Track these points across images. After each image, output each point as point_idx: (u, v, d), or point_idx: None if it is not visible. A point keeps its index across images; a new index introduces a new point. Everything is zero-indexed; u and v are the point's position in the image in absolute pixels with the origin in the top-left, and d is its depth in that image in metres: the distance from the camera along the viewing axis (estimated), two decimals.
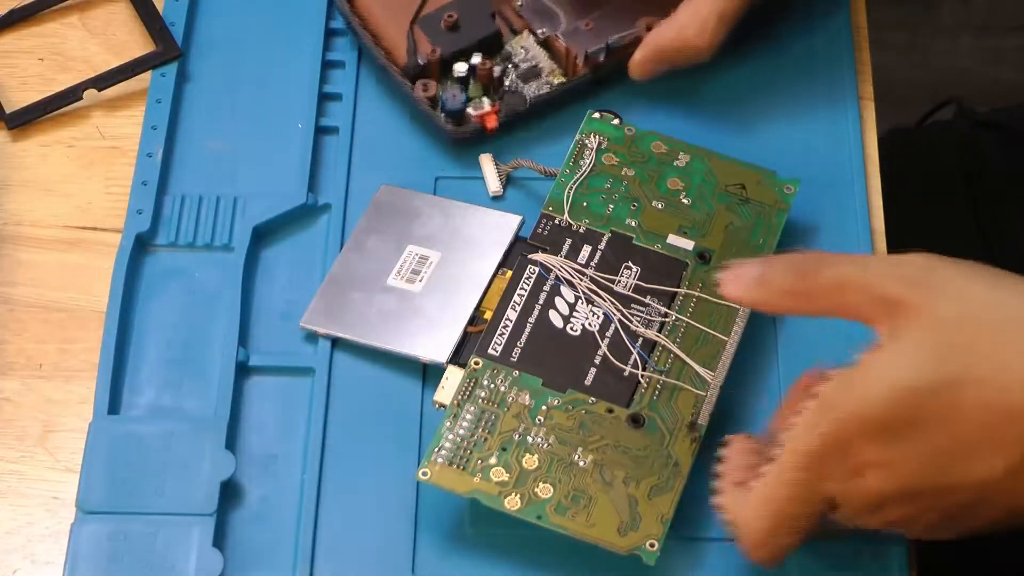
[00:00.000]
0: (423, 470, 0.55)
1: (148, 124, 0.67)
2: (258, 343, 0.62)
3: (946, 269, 0.50)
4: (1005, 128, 0.86)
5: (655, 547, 0.54)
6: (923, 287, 0.49)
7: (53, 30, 0.70)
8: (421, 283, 0.60)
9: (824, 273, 0.50)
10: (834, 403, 0.49)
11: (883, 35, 1.37)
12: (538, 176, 0.64)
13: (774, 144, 0.66)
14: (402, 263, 0.60)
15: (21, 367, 0.62)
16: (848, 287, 0.50)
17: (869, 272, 0.50)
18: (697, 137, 0.65)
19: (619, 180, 0.63)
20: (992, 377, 0.47)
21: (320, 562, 0.57)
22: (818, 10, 0.71)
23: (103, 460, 0.58)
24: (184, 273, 0.63)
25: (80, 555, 0.56)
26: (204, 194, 0.65)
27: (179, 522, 0.57)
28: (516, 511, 0.55)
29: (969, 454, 0.48)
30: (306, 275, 0.64)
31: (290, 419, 0.60)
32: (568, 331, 0.59)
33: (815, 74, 0.69)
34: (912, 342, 0.48)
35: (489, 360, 0.58)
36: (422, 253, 0.61)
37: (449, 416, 0.56)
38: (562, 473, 0.55)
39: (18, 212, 0.65)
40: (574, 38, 0.66)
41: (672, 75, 0.66)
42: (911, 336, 0.48)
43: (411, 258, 0.60)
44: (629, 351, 0.58)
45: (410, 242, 0.61)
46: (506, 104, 0.65)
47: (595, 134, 0.64)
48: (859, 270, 0.50)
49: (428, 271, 0.60)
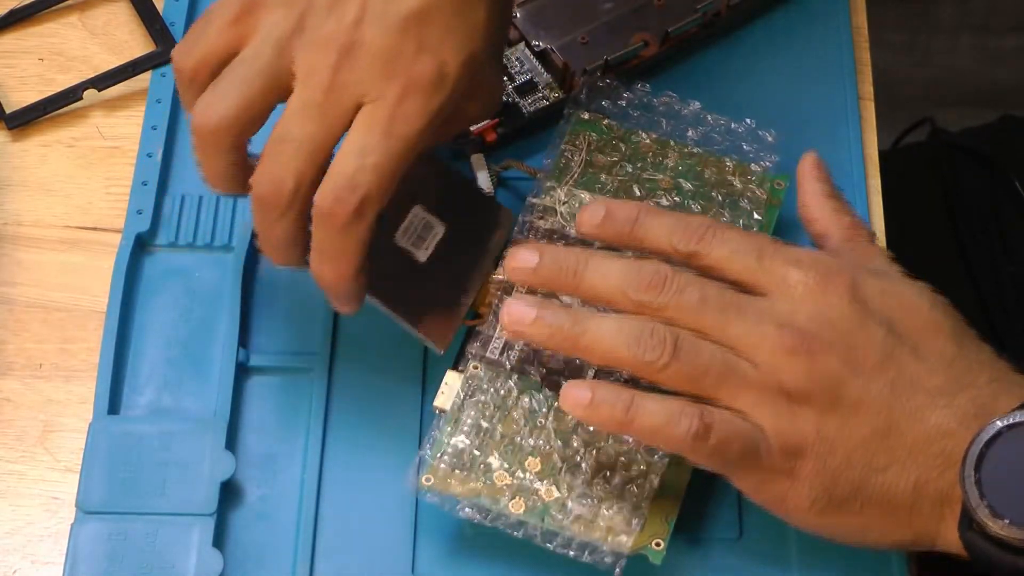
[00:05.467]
0: (426, 476, 0.55)
1: (148, 124, 0.67)
2: (258, 343, 0.62)
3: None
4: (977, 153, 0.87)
5: (661, 546, 0.54)
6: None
7: (53, 30, 0.70)
8: (426, 252, 0.58)
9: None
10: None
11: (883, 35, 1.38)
12: (528, 177, 0.64)
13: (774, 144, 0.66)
14: (409, 222, 0.58)
15: (21, 367, 0.62)
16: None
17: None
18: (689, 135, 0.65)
19: (609, 179, 0.63)
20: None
21: (320, 562, 0.57)
22: (818, 10, 0.71)
23: (103, 460, 0.58)
24: (184, 273, 0.63)
25: (80, 555, 0.56)
26: (204, 194, 0.65)
27: (179, 522, 0.57)
28: (520, 514, 0.55)
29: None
30: (306, 275, 0.63)
31: (290, 419, 0.60)
32: None
33: (815, 74, 0.69)
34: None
35: (488, 364, 0.58)
36: (428, 219, 0.59)
37: (450, 421, 0.56)
38: (565, 474, 0.55)
39: (18, 212, 0.65)
40: (571, 53, 0.66)
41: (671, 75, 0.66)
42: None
43: (417, 221, 0.59)
44: None
45: (416, 202, 0.59)
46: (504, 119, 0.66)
47: (583, 134, 0.64)
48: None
49: (433, 243, 0.59)
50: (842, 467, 0.51)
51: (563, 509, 0.55)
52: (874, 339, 0.51)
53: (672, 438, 0.51)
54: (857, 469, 0.51)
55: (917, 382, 0.51)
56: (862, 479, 0.51)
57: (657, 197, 0.62)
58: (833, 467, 0.51)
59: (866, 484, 0.51)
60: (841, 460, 0.51)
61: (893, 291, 0.53)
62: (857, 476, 0.51)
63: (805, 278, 0.52)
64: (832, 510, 0.51)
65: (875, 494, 0.51)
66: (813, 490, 0.51)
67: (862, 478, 0.51)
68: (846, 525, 0.52)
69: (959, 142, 0.89)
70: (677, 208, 0.61)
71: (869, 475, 0.51)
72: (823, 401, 0.51)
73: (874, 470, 0.51)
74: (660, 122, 0.64)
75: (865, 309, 0.52)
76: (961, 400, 0.51)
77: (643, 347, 0.51)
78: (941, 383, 0.51)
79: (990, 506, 0.49)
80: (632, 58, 0.67)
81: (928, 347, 0.52)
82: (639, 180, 0.63)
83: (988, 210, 0.85)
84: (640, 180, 0.63)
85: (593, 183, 0.62)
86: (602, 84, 0.65)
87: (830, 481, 0.51)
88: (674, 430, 0.50)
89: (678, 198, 0.62)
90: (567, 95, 0.66)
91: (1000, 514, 0.49)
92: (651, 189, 0.62)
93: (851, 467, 0.51)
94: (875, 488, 0.51)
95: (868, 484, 0.51)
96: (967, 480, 0.49)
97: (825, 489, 0.51)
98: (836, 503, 0.51)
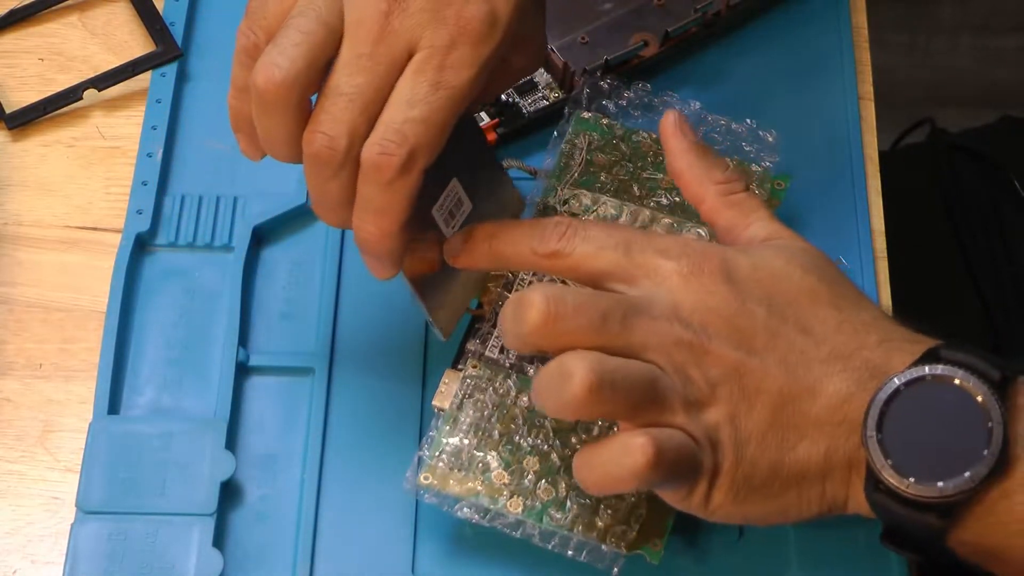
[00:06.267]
0: (424, 475, 0.55)
1: (148, 124, 0.67)
2: (258, 343, 0.62)
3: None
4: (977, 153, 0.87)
5: (659, 546, 0.54)
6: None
7: (53, 30, 0.70)
8: (452, 231, 0.56)
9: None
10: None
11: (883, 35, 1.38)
12: (528, 176, 0.64)
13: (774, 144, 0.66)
14: (446, 196, 0.56)
15: (21, 367, 0.62)
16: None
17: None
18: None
19: (609, 178, 0.63)
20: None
21: (320, 562, 0.57)
22: (818, 10, 0.71)
23: (103, 460, 0.58)
24: (184, 273, 0.63)
25: (80, 555, 0.56)
26: (204, 194, 0.65)
27: (179, 522, 0.57)
28: (518, 514, 0.55)
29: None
30: (306, 275, 0.64)
31: (290, 419, 0.60)
32: None
33: (815, 74, 0.69)
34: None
35: (487, 363, 0.58)
36: (460, 196, 0.57)
37: (448, 420, 0.56)
38: (563, 474, 0.55)
39: (18, 212, 0.65)
40: (571, 53, 0.66)
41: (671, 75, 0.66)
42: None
43: (452, 195, 0.56)
44: None
45: (455, 175, 0.57)
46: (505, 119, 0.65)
47: (584, 133, 0.64)
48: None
49: (460, 221, 0.57)
50: (757, 453, 0.50)
51: (561, 509, 0.55)
52: (756, 319, 0.51)
53: (629, 468, 0.49)
54: (771, 451, 0.50)
55: (807, 354, 0.51)
56: (777, 460, 0.50)
57: (657, 196, 0.62)
58: (750, 455, 0.50)
59: (781, 464, 0.51)
60: (755, 446, 0.50)
61: (763, 265, 0.52)
62: (772, 458, 0.50)
63: (678, 267, 0.51)
64: (754, 497, 0.51)
65: (791, 472, 0.51)
66: (735, 482, 0.50)
67: (777, 459, 0.50)
68: (767, 508, 0.52)
69: (959, 143, 0.89)
70: (676, 208, 0.61)
71: (783, 454, 0.50)
72: (728, 392, 0.50)
73: (787, 449, 0.50)
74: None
75: (741, 290, 0.51)
76: (855, 363, 0.51)
77: (566, 405, 0.49)
78: (831, 351, 0.51)
79: (894, 465, 0.49)
80: (632, 58, 0.67)
81: (809, 317, 0.52)
82: (639, 179, 0.63)
83: (988, 210, 0.85)
84: (640, 179, 0.63)
85: (593, 182, 0.62)
86: (603, 84, 0.65)
87: (749, 469, 0.50)
88: (629, 459, 0.49)
89: (678, 198, 0.62)
90: (567, 95, 0.66)
91: (904, 473, 0.49)
92: (651, 188, 0.62)
93: (766, 450, 0.50)
94: (790, 466, 0.51)
95: (783, 464, 0.51)
96: (870, 441, 0.49)
97: (746, 478, 0.50)
98: (756, 489, 0.51)
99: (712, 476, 0.50)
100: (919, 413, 0.49)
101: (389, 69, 0.50)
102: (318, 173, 0.50)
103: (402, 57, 0.50)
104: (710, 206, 0.56)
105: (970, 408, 0.49)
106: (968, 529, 0.49)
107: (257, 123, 0.51)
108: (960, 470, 0.48)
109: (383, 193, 0.50)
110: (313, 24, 0.50)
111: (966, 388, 0.49)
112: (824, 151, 0.67)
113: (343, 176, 0.50)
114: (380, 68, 0.49)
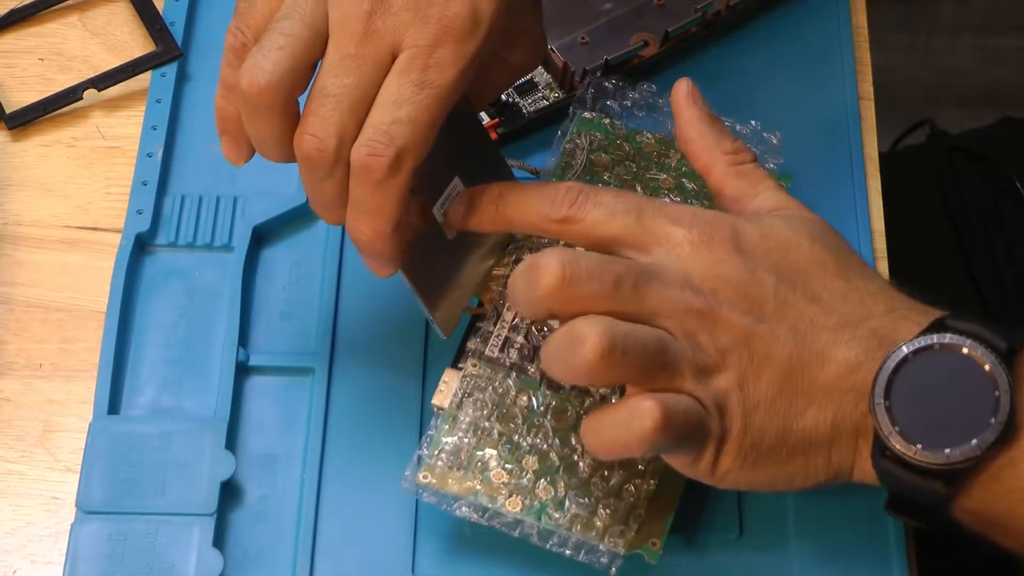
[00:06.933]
0: (423, 474, 0.55)
1: (148, 124, 0.67)
2: (258, 343, 0.62)
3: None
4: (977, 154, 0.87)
5: (657, 546, 0.54)
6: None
7: (53, 30, 0.70)
8: (454, 230, 0.56)
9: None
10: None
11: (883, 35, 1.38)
12: (530, 176, 0.64)
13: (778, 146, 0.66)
14: (447, 195, 0.56)
15: (21, 367, 0.62)
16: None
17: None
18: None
19: (611, 177, 0.63)
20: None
21: (320, 562, 0.57)
22: (818, 10, 0.71)
23: (103, 460, 0.58)
24: (184, 273, 0.63)
25: (80, 555, 0.56)
26: (204, 194, 0.65)
27: (179, 522, 0.57)
28: (517, 513, 0.55)
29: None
30: (306, 275, 0.64)
31: (290, 419, 0.60)
32: None
33: (815, 74, 0.69)
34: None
35: (486, 362, 0.58)
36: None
37: (448, 419, 0.56)
38: (562, 473, 0.55)
39: (18, 212, 0.65)
40: (571, 53, 0.66)
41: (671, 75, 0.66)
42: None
43: (454, 194, 0.56)
44: None
45: (457, 174, 0.56)
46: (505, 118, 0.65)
47: (586, 133, 0.64)
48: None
49: None
50: (766, 419, 0.51)
51: (560, 508, 0.55)
52: (766, 288, 0.51)
53: (637, 432, 0.49)
54: (779, 417, 0.51)
55: (816, 322, 0.51)
56: (785, 426, 0.51)
57: (660, 196, 0.62)
58: (758, 421, 0.51)
59: (789, 431, 0.51)
60: (764, 412, 0.51)
61: (772, 235, 0.53)
62: (780, 424, 0.51)
63: (689, 235, 0.52)
64: (761, 463, 0.51)
65: (799, 439, 0.51)
66: (743, 448, 0.51)
67: (785, 425, 0.51)
68: (774, 474, 0.52)
69: (959, 144, 0.89)
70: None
71: (791, 421, 0.51)
72: (737, 359, 0.51)
73: (794, 415, 0.51)
74: (665, 123, 0.64)
75: (751, 258, 0.52)
76: (863, 332, 0.51)
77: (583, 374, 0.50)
78: (839, 319, 0.51)
79: (901, 432, 0.49)
80: (632, 58, 0.67)
81: (818, 286, 0.52)
82: (641, 179, 0.63)
83: (988, 211, 0.85)
84: (643, 179, 0.63)
85: (595, 182, 0.62)
86: (608, 84, 0.65)
87: (757, 435, 0.51)
88: (638, 424, 0.49)
89: (679, 198, 0.62)
90: (567, 95, 0.66)
91: (911, 439, 0.49)
92: (654, 189, 0.62)
93: (774, 417, 0.51)
94: (798, 433, 0.51)
95: (791, 430, 0.51)
96: (877, 408, 0.49)
97: (753, 444, 0.51)
98: (764, 455, 0.51)
99: (720, 442, 0.51)
100: (927, 381, 0.49)
101: (375, 69, 0.50)
102: (311, 174, 0.51)
103: (387, 57, 0.50)
104: (719, 175, 0.56)
105: (977, 377, 0.49)
106: (973, 497, 0.50)
107: (246, 125, 0.51)
108: (967, 437, 0.49)
109: (374, 194, 0.50)
110: (297, 27, 0.50)
111: (974, 357, 0.49)
112: (824, 151, 0.67)
113: (336, 176, 0.50)
114: (366, 68, 0.50)
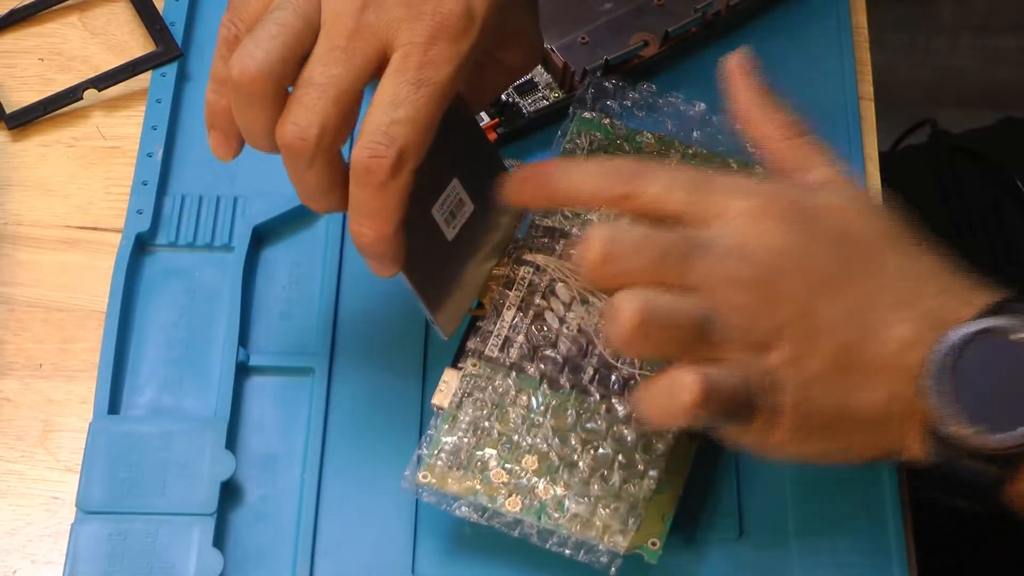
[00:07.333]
0: (423, 474, 0.55)
1: (148, 124, 0.67)
2: (258, 343, 0.62)
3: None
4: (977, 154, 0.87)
5: (657, 546, 0.54)
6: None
7: (53, 30, 0.70)
8: (453, 231, 0.57)
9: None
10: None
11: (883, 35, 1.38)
12: None
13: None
14: (446, 196, 0.56)
15: (21, 367, 0.62)
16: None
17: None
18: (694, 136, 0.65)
19: None
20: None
21: (320, 562, 0.57)
22: (818, 10, 0.71)
23: (103, 460, 0.58)
24: (184, 273, 0.63)
25: (80, 555, 0.56)
26: (204, 194, 0.65)
27: (179, 522, 0.57)
28: (516, 512, 0.55)
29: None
30: (306, 275, 0.64)
31: (290, 419, 0.60)
32: (564, 330, 0.59)
33: (815, 74, 0.69)
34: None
35: (486, 362, 0.58)
36: (462, 196, 0.57)
37: (447, 419, 0.56)
38: (562, 473, 0.55)
39: (18, 212, 0.65)
40: (571, 53, 0.66)
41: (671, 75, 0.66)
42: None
43: (454, 195, 0.56)
44: None
45: (456, 175, 0.57)
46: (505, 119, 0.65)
47: (586, 133, 0.64)
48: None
49: (461, 221, 0.57)
50: (820, 394, 0.50)
51: (560, 508, 0.55)
52: (824, 261, 0.51)
53: (679, 404, 0.49)
54: (834, 393, 0.50)
55: (873, 298, 0.51)
56: (839, 402, 0.50)
57: None
58: (812, 396, 0.50)
59: (844, 406, 0.51)
60: (818, 387, 0.50)
61: (831, 207, 0.53)
62: (835, 400, 0.50)
63: (747, 206, 0.51)
64: (815, 437, 0.51)
65: (853, 414, 0.51)
66: (795, 423, 0.50)
67: (839, 401, 0.50)
68: (827, 448, 0.52)
69: (960, 143, 0.89)
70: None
71: (845, 396, 0.50)
72: (793, 333, 0.50)
73: (849, 390, 0.50)
74: (665, 123, 0.64)
75: (810, 231, 0.51)
76: (919, 311, 0.51)
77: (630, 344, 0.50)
78: (896, 297, 0.51)
79: (956, 414, 0.49)
80: (632, 58, 0.67)
81: (875, 262, 0.52)
82: None
83: (989, 211, 0.85)
84: None
85: None
86: (608, 84, 0.65)
87: (811, 411, 0.50)
88: (679, 397, 0.49)
89: None
90: (567, 95, 0.66)
91: (966, 421, 0.49)
92: None
93: (828, 392, 0.50)
94: (853, 408, 0.51)
95: (846, 406, 0.51)
96: (932, 390, 0.49)
97: (806, 420, 0.50)
98: (818, 430, 0.51)
99: (772, 415, 0.50)
100: (982, 363, 0.49)
101: (363, 62, 0.50)
102: (293, 164, 0.51)
103: (377, 52, 0.50)
104: (776, 146, 0.56)
105: None
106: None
107: (236, 115, 0.51)
108: (1022, 421, 0.49)
109: (376, 196, 0.50)
110: (291, 17, 0.50)
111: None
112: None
113: (318, 166, 0.50)
114: (354, 61, 0.50)
